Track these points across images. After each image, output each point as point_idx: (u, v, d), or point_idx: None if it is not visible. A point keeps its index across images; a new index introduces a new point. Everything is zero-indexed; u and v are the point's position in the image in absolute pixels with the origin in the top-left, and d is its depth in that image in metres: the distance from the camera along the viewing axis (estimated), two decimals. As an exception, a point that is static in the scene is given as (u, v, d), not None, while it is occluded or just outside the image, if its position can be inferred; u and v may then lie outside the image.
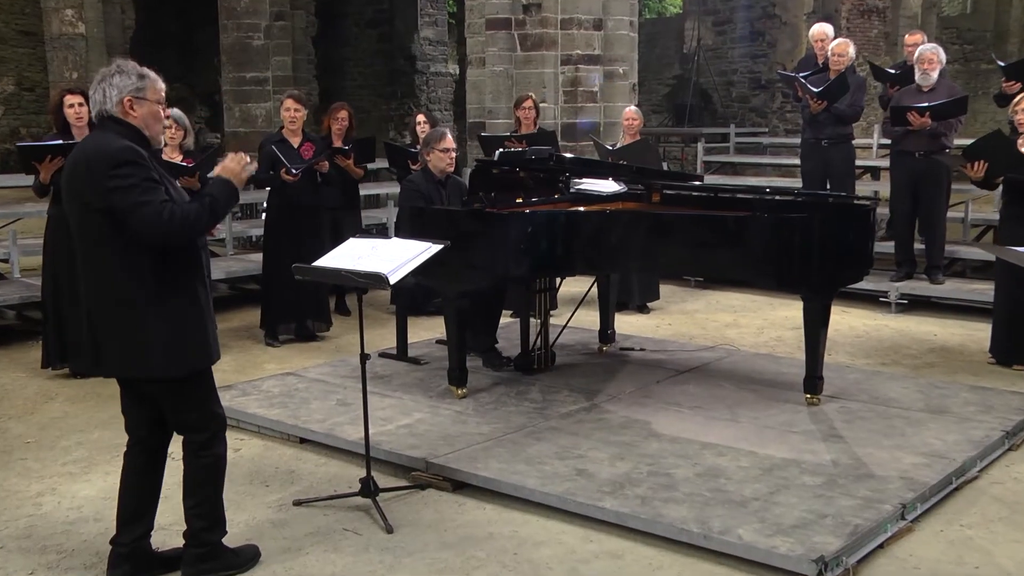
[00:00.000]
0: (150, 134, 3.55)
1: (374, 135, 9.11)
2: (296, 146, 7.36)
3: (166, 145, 6.77)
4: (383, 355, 6.60)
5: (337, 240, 5.33)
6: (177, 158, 6.74)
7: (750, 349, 7.05)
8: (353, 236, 4.73)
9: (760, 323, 8.07)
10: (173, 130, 6.81)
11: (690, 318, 8.28)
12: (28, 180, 6.64)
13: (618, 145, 8.23)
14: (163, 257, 3.45)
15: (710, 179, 10.40)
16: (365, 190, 9.45)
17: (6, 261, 8.41)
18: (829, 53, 8.73)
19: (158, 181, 3.42)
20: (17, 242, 8.25)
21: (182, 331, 3.50)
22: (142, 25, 17.44)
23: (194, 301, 3.55)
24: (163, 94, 3.58)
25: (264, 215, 7.81)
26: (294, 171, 7.14)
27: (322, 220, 7.67)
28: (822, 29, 9.30)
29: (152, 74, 3.56)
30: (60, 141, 6.18)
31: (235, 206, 3.83)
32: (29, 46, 19.31)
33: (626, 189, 6.56)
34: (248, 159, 3.67)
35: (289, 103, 7.38)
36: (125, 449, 3.78)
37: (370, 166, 8.58)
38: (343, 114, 8.07)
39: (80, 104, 6.17)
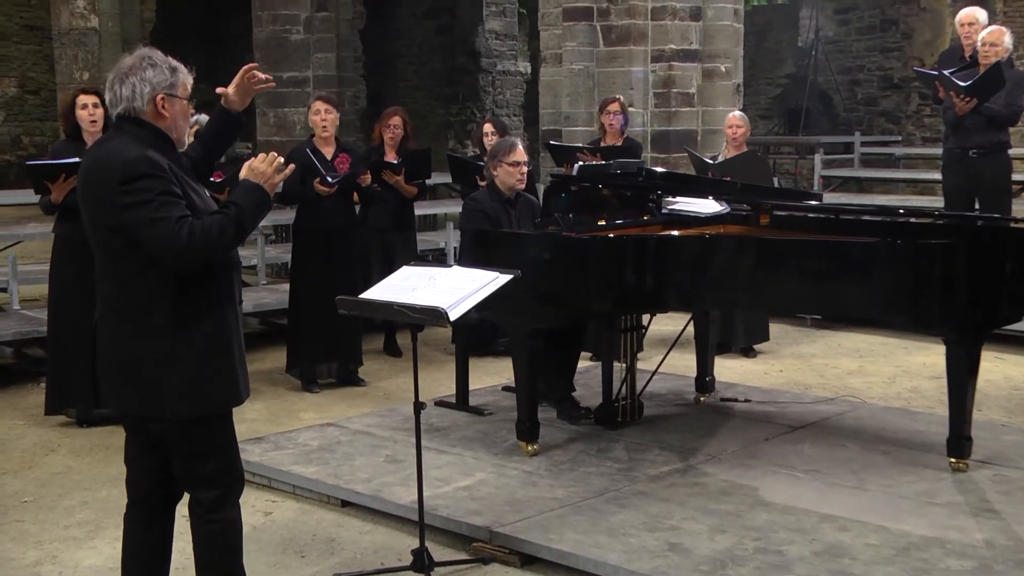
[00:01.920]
0: (176, 136, 3.62)
1: (429, 147, 9.15)
2: (329, 157, 7.35)
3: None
4: (440, 404, 6.63)
5: (388, 267, 5.39)
6: None
7: (879, 402, 6.97)
8: (407, 263, 4.79)
9: (891, 371, 7.96)
10: None
11: (806, 363, 8.21)
12: (30, 197, 6.78)
13: (720, 158, 8.21)
14: (187, 277, 3.49)
15: (830, 198, 10.32)
16: (421, 210, 9.50)
17: (4, 291, 8.53)
18: (979, 43, 8.54)
19: (178, 195, 3.45)
20: (17, 269, 8.36)
21: (206, 363, 3.53)
22: (163, 17, 17.89)
23: (221, 328, 3.58)
24: (190, 89, 3.66)
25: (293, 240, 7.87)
26: (330, 180, 7.16)
27: (369, 245, 7.74)
28: (971, 13, 9.09)
29: (182, 67, 3.63)
30: (76, 159, 6.29)
31: (265, 216, 3.83)
32: (34, 42, 19.80)
33: (729, 210, 6.55)
34: (280, 159, 3.66)
35: (319, 105, 7.39)
36: (125, 510, 3.80)
37: (427, 182, 8.63)
38: (396, 120, 8.13)
39: (95, 105, 6.30)
